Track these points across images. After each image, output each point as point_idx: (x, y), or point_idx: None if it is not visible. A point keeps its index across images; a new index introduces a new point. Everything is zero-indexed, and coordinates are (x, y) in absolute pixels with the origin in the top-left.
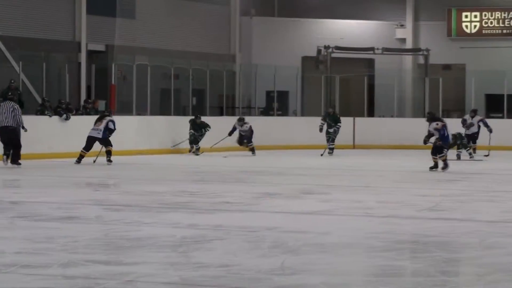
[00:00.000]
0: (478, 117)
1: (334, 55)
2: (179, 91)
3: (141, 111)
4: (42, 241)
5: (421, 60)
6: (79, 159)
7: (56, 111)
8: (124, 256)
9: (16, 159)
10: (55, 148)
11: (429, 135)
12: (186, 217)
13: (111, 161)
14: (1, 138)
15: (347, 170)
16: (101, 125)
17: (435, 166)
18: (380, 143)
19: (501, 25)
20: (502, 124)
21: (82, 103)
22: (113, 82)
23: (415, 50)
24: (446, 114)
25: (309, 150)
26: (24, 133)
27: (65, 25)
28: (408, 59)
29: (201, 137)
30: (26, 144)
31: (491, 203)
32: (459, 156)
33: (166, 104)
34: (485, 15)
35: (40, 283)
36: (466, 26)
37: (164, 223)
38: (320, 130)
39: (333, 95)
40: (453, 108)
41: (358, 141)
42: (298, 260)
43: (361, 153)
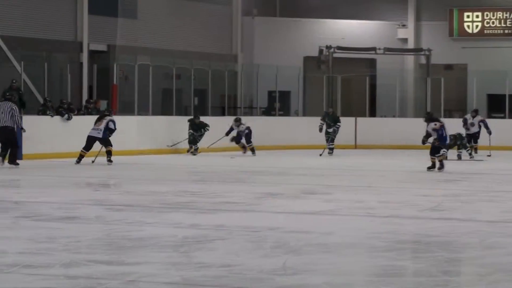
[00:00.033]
0: (479, 118)
1: (336, 55)
2: (181, 91)
3: (143, 111)
4: (44, 241)
5: (423, 60)
6: (79, 159)
7: (58, 111)
8: (126, 256)
9: (14, 159)
10: (57, 148)
11: (427, 135)
12: (188, 217)
13: (112, 161)
14: None
15: (349, 170)
16: (101, 125)
17: (433, 166)
18: (382, 143)
19: (503, 25)
20: (504, 124)
21: (84, 103)
22: (115, 82)
23: (417, 50)
24: (448, 114)
25: (311, 150)
26: (26, 133)
27: (67, 25)
28: (410, 59)
29: (201, 137)
30: (28, 144)
31: (492, 203)
32: (460, 156)
33: (168, 104)
34: (487, 15)
35: (42, 283)
36: (468, 26)
37: (166, 223)
38: (320, 130)
39: (335, 95)
40: (455, 108)
41: (360, 141)
42: (300, 260)
43: (363, 153)
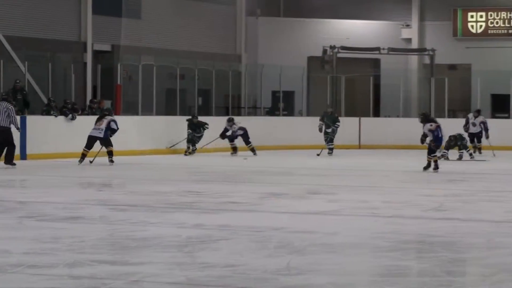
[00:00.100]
0: (481, 118)
1: (340, 55)
2: (185, 91)
3: (147, 111)
4: (49, 241)
5: (427, 60)
6: (82, 159)
7: (62, 111)
8: (130, 256)
9: (11, 160)
10: (61, 148)
11: (425, 135)
12: (192, 217)
13: (113, 161)
14: None
15: (353, 170)
16: (102, 125)
17: (428, 166)
18: (386, 143)
19: (507, 25)
20: (508, 124)
21: (88, 103)
22: (119, 82)
23: (421, 50)
24: (452, 114)
25: (315, 150)
26: (31, 134)
27: (71, 25)
28: (414, 59)
29: (200, 138)
30: (32, 144)
31: (495, 203)
32: (461, 157)
33: (172, 104)
34: (491, 15)
35: (46, 283)
36: (472, 26)
37: (170, 223)
38: (320, 130)
39: (339, 95)
40: (459, 108)
41: (364, 141)
42: (304, 260)
43: (367, 153)
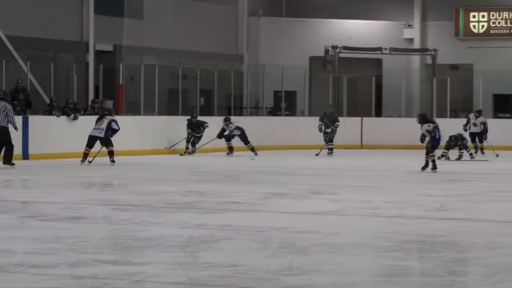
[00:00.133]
0: (482, 119)
1: (342, 55)
2: (187, 91)
3: (149, 111)
4: (51, 241)
5: (429, 60)
6: (84, 158)
7: (64, 111)
8: (132, 256)
9: (10, 159)
10: (63, 148)
11: (424, 135)
12: (194, 217)
13: (114, 161)
14: None
15: (355, 170)
16: (103, 124)
17: (426, 166)
18: (388, 143)
19: (509, 25)
20: (510, 124)
21: (90, 103)
22: (121, 82)
23: (423, 50)
24: (454, 114)
25: (317, 151)
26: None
27: (73, 25)
28: (416, 59)
29: (199, 139)
30: (34, 144)
31: (496, 203)
32: (461, 156)
33: (174, 104)
34: (493, 15)
35: (48, 283)
36: (474, 26)
37: (172, 223)
38: (320, 130)
39: (341, 95)
40: (461, 108)
41: (366, 141)
42: (306, 260)
43: (369, 153)
